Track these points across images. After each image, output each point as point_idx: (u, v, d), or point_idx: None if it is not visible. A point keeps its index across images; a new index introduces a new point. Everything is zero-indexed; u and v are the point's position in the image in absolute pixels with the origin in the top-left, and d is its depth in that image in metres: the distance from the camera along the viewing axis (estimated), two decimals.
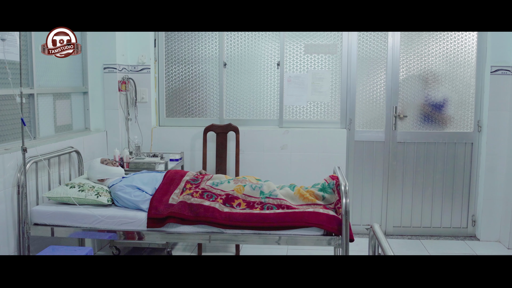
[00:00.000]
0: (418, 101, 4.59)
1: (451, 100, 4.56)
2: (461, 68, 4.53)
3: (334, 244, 2.96)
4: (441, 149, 4.60)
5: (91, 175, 3.50)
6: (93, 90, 4.39)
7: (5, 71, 3.08)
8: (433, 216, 4.68)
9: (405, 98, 4.58)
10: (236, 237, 3.06)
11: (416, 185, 4.66)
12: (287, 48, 4.64)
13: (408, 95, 4.58)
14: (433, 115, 4.58)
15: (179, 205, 3.10)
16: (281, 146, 4.60)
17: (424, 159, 4.63)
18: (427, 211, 4.65)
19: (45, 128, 3.77)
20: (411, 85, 4.57)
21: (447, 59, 4.53)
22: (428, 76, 4.55)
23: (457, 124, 4.60)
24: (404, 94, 4.57)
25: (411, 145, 4.63)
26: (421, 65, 4.52)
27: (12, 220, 3.13)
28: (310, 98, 4.67)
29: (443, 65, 4.53)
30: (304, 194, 3.21)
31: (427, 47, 4.52)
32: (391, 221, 4.71)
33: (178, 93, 4.82)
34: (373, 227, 2.02)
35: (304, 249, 4.25)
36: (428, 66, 4.54)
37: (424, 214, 4.68)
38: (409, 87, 4.57)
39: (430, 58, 4.53)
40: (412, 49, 4.53)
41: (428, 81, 4.57)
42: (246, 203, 3.14)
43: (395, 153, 4.62)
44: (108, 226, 3.13)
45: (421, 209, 4.69)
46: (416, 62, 4.53)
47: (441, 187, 4.63)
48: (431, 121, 4.59)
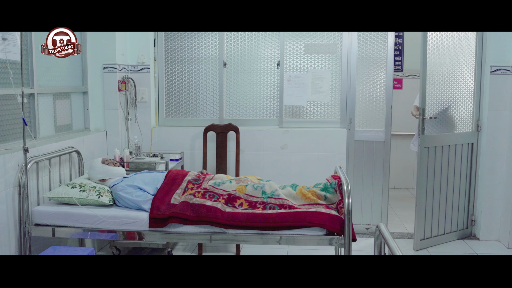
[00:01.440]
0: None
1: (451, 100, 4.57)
2: (460, 67, 4.53)
3: (337, 244, 2.96)
4: (441, 149, 4.59)
5: (92, 175, 3.49)
6: (93, 90, 4.37)
7: (5, 70, 3.08)
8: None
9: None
10: (238, 237, 3.06)
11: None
12: (287, 48, 4.64)
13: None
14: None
15: (181, 205, 3.09)
16: (281, 146, 4.60)
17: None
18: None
19: (45, 128, 3.75)
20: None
21: (447, 58, 4.53)
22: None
23: (457, 124, 4.60)
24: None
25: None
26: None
27: (13, 221, 3.11)
28: (310, 98, 4.67)
29: (443, 64, 4.54)
30: (306, 194, 3.21)
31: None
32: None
33: (178, 92, 4.81)
34: (379, 227, 2.02)
35: (304, 249, 4.25)
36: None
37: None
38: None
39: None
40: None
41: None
42: (248, 203, 3.14)
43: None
44: (110, 226, 3.12)
45: None
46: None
47: (440, 187, 4.63)
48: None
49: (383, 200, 4.69)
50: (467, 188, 4.62)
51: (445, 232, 4.49)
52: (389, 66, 4.54)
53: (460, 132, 4.56)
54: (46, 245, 3.27)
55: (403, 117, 6.42)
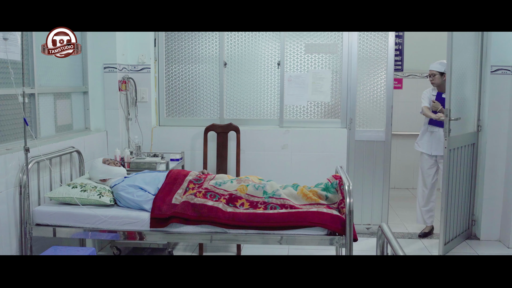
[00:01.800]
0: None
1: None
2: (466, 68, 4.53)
3: (338, 244, 2.96)
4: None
5: (93, 175, 3.49)
6: (93, 90, 4.37)
7: (6, 70, 3.07)
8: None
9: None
10: (239, 237, 3.06)
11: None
12: (288, 48, 4.64)
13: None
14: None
15: (182, 205, 3.09)
16: (282, 146, 4.60)
17: None
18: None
19: (45, 128, 3.75)
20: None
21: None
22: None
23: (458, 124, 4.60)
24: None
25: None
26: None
27: (14, 221, 3.11)
28: (311, 98, 4.67)
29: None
30: (307, 193, 3.21)
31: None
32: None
33: (179, 92, 4.81)
34: (382, 226, 2.02)
35: (305, 249, 4.25)
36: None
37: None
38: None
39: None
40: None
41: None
42: (249, 203, 3.14)
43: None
44: (111, 227, 3.12)
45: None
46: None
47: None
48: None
49: (384, 200, 4.69)
50: (468, 188, 4.62)
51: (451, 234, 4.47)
52: (390, 66, 4.54)
53: (464, 133, 4.53)
54: (46, 245, 3.26)
55: (404, 117, 6.42)
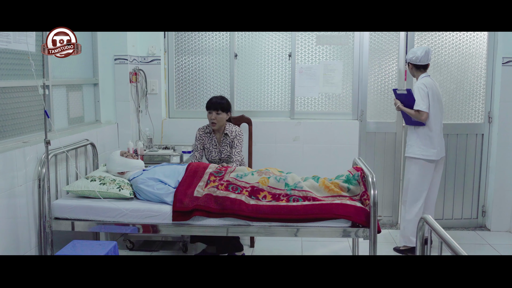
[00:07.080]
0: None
1: (462, 90, 4.58)
2: (472, 59, 4.54)
3: (363, 236, 2.96)
4: (453, 140, 4.61)
5: (111, 168, 3.45)
6: (104, 82, 4.31)
7: (20, 62, 3.01)
8: (444, 207, 4.71)
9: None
10: (263, 229, 3.04)
11: None
12: (299, 39, 4.61)
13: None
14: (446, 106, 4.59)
15: (204, 198, 3.06)
16: (293, 138, 4.58)
17: None
18: (439, 202, 4.66)
19: (59, 120, 3.70)
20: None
21: (459, 50, 4.54)
22: (442, 67, 4.56)
23: (468, 115, 4.62)
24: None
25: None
26: (434, 56, 4.50)
27: (33, 214, 3.06)
28: (322, 90, 4.65)
29: (455, 56, 4.54)
30: (329, 186, 3.20)
31: (439, 38, 4.52)
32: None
33: (188, 84, 4.76)
34: (426, 218, 2.01)
35: (319, 240, 4.25)
36: (440, 57, 4.54)
37: (435, 205, 4.70)
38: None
39: (442, 49, 4.54)
40: (425, 41, 4.53)
41: (440, 71, 4.57)
42: (271, 195, 3.12)
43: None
44: (132, 220, 3.09)
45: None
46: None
47: (452, 178, 4.66)
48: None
49: (395, 192, 4.70)
50: (478, 179, 4.65)
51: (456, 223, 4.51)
52: (401, 58, 4.53)
53: (471, 123, 4.58)
54: (64, 238, 3.21)
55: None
